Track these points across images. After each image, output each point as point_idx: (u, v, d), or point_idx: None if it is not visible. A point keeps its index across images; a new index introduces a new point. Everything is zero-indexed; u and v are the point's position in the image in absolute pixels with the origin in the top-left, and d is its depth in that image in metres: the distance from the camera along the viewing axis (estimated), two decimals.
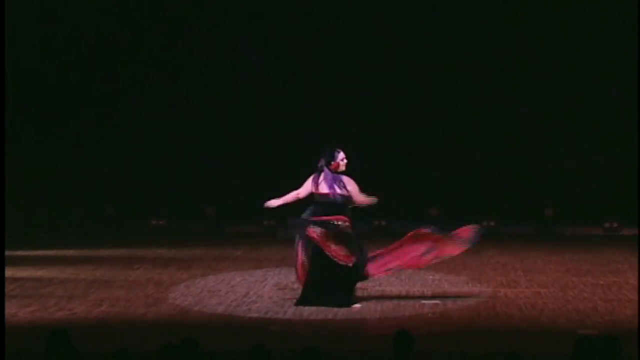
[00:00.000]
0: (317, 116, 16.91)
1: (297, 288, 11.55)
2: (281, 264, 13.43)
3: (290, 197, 10.86)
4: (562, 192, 16.76)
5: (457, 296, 11.15)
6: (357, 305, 10.52)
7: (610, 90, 16.77)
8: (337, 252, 10.50)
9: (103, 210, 17.18)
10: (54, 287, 11.82)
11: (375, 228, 16.07)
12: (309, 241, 10.60)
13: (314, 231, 10.57)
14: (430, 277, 12.38)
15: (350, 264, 10.50)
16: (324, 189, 10.66)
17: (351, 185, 10.69)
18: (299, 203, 10.82)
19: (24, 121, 16.81)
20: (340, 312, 10.30)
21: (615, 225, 16.51)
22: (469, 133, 17.11)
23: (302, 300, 10.62)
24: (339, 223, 10.56)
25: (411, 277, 12.35)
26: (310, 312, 10.35)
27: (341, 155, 10.74)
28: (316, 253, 10.55)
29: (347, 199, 10.66)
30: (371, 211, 11.00)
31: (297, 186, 10.90)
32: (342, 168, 10.73)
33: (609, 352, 6.15)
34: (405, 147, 16.77)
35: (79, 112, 17.30)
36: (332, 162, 10.69)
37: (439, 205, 16.64)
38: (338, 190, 10.63)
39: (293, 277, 12.21)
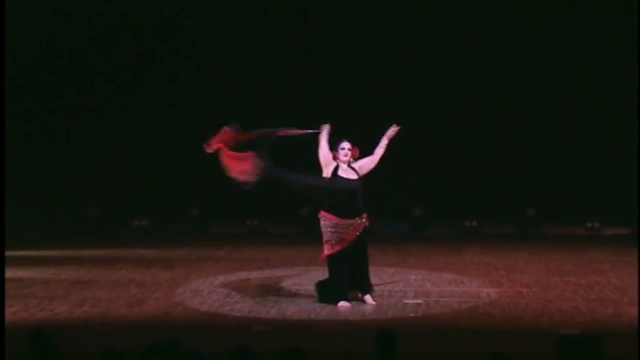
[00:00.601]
0: (299, 117, 16.89)
1: (280, 288, 11.60)
2: (264, 264, 13.43)
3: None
4: (544, 192, 16.81)
5: (439, 296, 11.16)
6: (341, 305, 10.52)
7: (593, 91, 16.85)
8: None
9: (86, 210, 17.12)
10: (36, 287, 11.77)
11: None
12: None
13: None
14: (413, 277, 12.39)
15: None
16: None
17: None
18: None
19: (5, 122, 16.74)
20: (323, 312, 10.30)
21: (596, 225, 16.56)
22: (451, 134, 17.13)
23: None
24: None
25: (394, 276, 12.37)
26: (293, 312, 10.36)
27: (342, 145, 10.60)
28: None
29: (322, 188, 10.63)
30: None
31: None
32: (341, 159, 10.58)
33: (590, 351, 6.17)
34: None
35: (61, 113, 17.25)
36: (333, 151, 10.65)
37: (421, 205, 16.67)
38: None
39: (275, 277, 12.26)
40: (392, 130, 10.74)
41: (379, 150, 10.71)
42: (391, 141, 10.73)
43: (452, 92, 17.10)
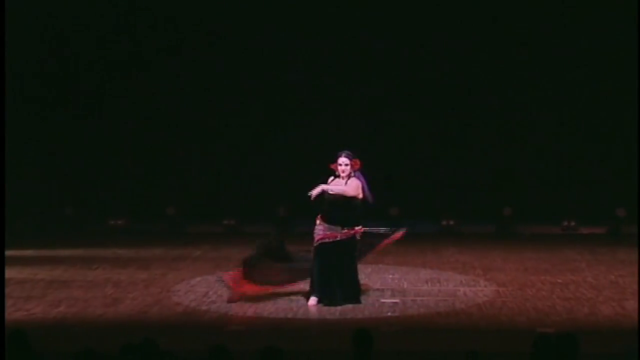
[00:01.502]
0: (271, 119, 16.98)
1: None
2: (241, 264, 13.38)
3: None
4: (521, 191, 16.85)
5: (416, 295, 11.18)
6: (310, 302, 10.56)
7: (570, 93, 16.91)
8: None
9: (62, 210, 17.04)
10: (12, 287, 11.70)
11: None
12: None
13: None
14: (390, 276, 12.40)
15: None
16: None
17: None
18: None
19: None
20: (300, 311, 10.30)
21: (572, 224, 16.63)
22: (426, 134, 17.16)
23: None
24: None
25: (370, 276, 12.37)
26: (270, 311, 10.35)
27: (339, 160, 10.62)
28: None
29: None
30: None
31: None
32: (339, 172, 10.62)
33: (566, 349, 6.20)
34: (363, 146, 16.77)
35: (37, 113, 17.17)
36: (332, 165, 10.71)
37: (399, 204, 16.68)
38: None
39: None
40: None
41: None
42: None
43: (431, 92, 17.12)
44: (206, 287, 11.66)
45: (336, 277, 10.53)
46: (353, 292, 10.65)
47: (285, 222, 16.31)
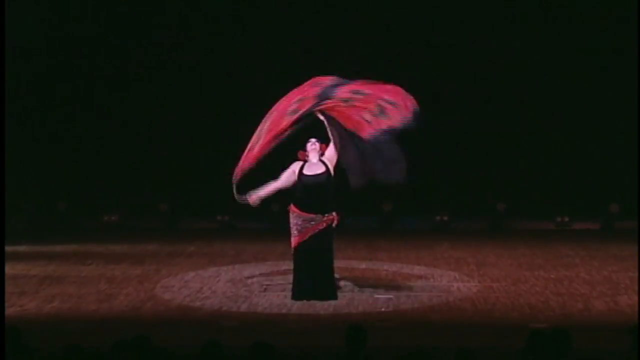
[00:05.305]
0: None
1: (250, 284, 11.59)
2: (235, 259, 13.41)
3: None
4: (514, 187, 16.87)
5: (410, 291, 11.19)
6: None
7: (563, 87, 16.92)
8: None
9: (55, 205, 17.02)
10: (5, 283, 11.68)
11: None
12: None
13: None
14: (384, 272, 12.42)
15: None
16: None
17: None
18: None
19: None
20: (294, 307, 10.31)
21: (566, 219, 16.66)
22: (421, 129, 17.13)
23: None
24: None
25: (364, 272, 12.38)
26: (264, 307, 10.36)
27: (310, 140, 10.80)
28: None
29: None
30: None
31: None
32: (309, 149, 10.76)
33: (560, 345, 6.20)
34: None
35: (32, 109, 17.15)
36: (301, 151, 10.79)
37: (392, 200, 16.68)
38: None
39: (246, 272, 12.25)
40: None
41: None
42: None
43: (423, 88, 17.09)
44: (200, 283, 11.66)
45: (318, 272, 10.51)
46: (330, 288, 10.63)
47: (278, 218, 16.29)
